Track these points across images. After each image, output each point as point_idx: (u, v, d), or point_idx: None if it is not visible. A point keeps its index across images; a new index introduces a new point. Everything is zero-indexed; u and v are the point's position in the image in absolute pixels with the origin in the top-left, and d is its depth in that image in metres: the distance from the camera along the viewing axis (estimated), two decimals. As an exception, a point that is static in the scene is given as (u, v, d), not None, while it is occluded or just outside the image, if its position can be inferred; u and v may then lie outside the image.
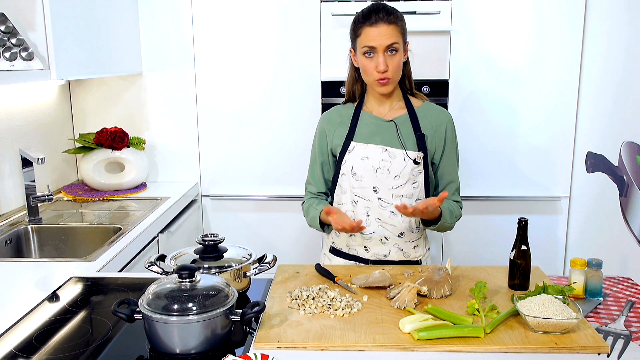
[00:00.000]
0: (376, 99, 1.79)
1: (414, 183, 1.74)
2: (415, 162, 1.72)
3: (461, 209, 1.86)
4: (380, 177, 1.73)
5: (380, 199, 1.74)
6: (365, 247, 1.80)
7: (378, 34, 1.64)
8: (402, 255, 1.80)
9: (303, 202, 1.91)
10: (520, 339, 1.25)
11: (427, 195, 1.79)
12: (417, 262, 1.84)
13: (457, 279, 1.60)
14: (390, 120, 1.76)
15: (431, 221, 1.76)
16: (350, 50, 1.77)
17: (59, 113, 2.79)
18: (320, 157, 1.84)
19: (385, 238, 1.77)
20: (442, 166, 1.80)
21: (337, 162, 1.80)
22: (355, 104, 1.83)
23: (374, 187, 1.74)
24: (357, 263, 1.83)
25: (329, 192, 1.88)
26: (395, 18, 1.66)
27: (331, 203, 1.88)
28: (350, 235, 1.81)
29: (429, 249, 1.90)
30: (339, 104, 1.91)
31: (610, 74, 2.53)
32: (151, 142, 2.97)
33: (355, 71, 1.80)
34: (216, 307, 1.20)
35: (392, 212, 1.75)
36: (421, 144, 1.73)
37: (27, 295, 1.52)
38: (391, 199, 1.74)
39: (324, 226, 1.81)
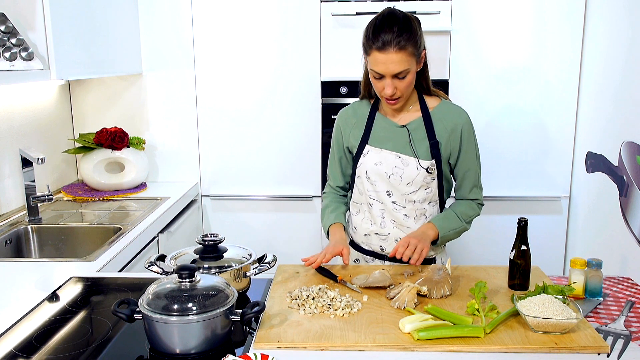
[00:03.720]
0: None
1: (427, 189, 1.73)
2: (428, 171, 1.70)
3: (481, 205, 1.81)
4: (393, 183, 1.72)
5: (394, 202, 1.74)
6: (380, 246, 1.81)
7: (385, 62, 1.55)
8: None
9: (324, 193, 1.95)
10: (520, 339, 1.25)
11: (440, 198, 1.78)
12: (432, 260, 1.84)
13: (457, 279, 1.60)
14: (403, 126, 1.73)
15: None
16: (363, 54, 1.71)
17: (59, 113, 2.79)
18: (338, 153, 1.85)
19: (401, 239, 1.77)
20: (459, 165, 1.76)
21: (353, 163, 1.81)
22: (372, 102, 1.80)
23: (387, 191, 1.74)
24: (373, 259, 1.84)
25: (348, 185, 1.89)
26: (406, 40, 1.54)
27: (349, 199, 1.89)
28: (366, 235, 1.82)
29: (444, 246, 1.88)
30: (343, 104, 1.90)
31: (610, 74, 2.53)
32: (151, 142, 2.97)
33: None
34: (216, 307, 1.20)
35: (406, 215, 1.75)
36: (434, 152, 1.71)
37: (27, 295, 1.52)
38: (404, 202, 1.74)
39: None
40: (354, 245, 1.88)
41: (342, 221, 1.81)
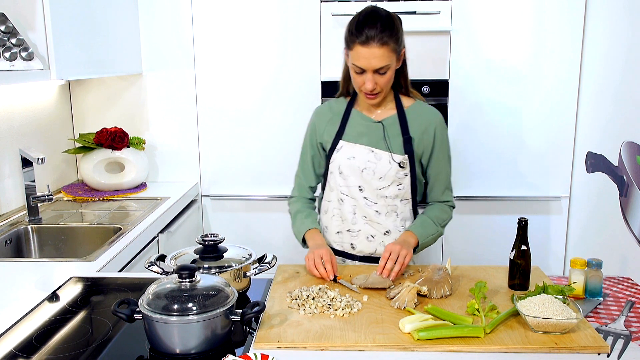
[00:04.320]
0: None
1: (399, 185, 1.74)
2: (401, 166, 1.71)
3: (452, 208, 1.84)
4: (365, 177, 1.73)
5: (365, 197, 1.75)
6: (351, 244, 1.81)
7: (368, 56, 1.58)
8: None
9: (291, 197, 1.91)
10: (520, 339, 1.25)
11: (413, 197, 1.79)
12: None
13: (457, 279, 1.60)
14: (379, 122, 1.75)
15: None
16: (345, 49, 1.71)
17: (59, 113, 2.79)
18: (311, 151, 1.85)
19: (372, 236, 1.78)
20: (432, 166, 1.79)
21: (326, 159, 1.81)
22: (349, 99, 1.82)
23: (359, 187, 1.75)
24: (344, 260, 1.84)
25: (318, 186, 1.88)
26: (388, 36, 1.57)
27: (320, 199, 1.88)
28: (338, 232, 1.81)
29: None
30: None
31: (610, 74, 2.53)
32: (151, 142, 2.96)
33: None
34: (216, 307, 1.20)
35: (377, 211, 1.75)
36: (407, 147, 1.72)
37: (27, 295, 1.52)
38: (376, 198, 1.75)
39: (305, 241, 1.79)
40: None
41: (318, 227, 1.80)
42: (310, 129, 1.86)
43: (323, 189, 1.87)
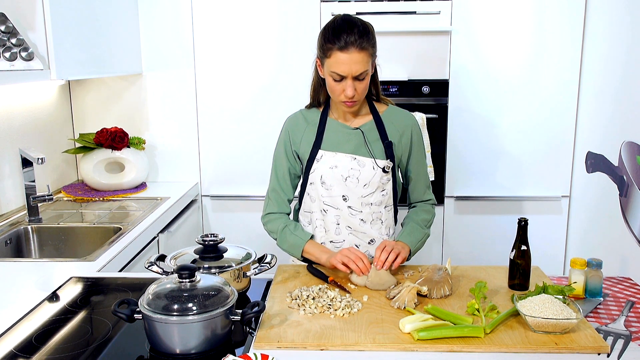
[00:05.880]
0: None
1: (382, 191, 1.72)
2: (384, 171, 1.69)
3: (434, 205, 1.84)
4: (349, 186, 1.70)
5: (350, 207, 1.71)
6: None
7: (348, 62, 1.55)
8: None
9: (268, 214, 1.82)
10: (520, 339, 1.25)
11: (395, 201, 1.78)
12: None
13: (457, 279, 1.60)
14: (357, 128, 1.72)
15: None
16: (317, 59, 1.67)
17: (59, 113, 2.79)
18: (287, 163, 1.79)
19: (356, 246, 1.74)
20: (411, 168, 1.78)
21: (305, 170, 1.76)
22: (321, 109, 1.78)
23: (343, 196, 1.71)
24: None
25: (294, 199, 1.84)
26: (367, 41, 1.56)
27: (298, 210, 1.85)
28: (321, 243, 1.76)
29: None
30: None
31: (610, 74, 2.53)
32: (151, 142, 2.97)
33: (320, 78, 1.72)
34: (216, 307, 1.20)
35: (362, 219, 1.72)
36: (389, 152, 1.71)
37: (27, 295, 1.52)
38: (360, 207, 1.72)
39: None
40: (306, 260, 1.76)
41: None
42: (284, 139, 1.80)
43: (300, 200, 1.83)
